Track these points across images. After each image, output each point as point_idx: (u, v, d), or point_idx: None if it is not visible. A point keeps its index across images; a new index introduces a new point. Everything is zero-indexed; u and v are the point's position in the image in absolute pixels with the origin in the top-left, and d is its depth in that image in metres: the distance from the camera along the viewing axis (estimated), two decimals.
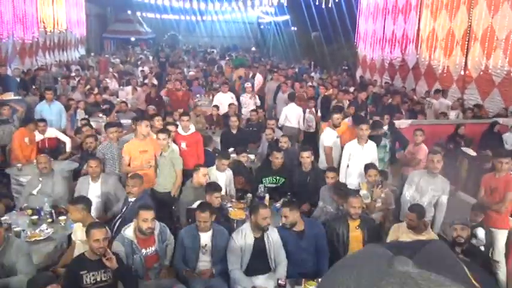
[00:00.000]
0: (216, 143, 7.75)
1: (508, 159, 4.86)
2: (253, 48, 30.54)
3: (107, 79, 13.71)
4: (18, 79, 11.28)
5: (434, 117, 9.84)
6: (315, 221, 4.72)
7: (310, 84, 12.47)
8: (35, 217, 4.77)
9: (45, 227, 4.60)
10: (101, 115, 9.26)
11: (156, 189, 5.73)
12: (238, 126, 7.85)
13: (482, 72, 10.54)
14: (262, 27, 32.92)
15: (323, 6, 16.44)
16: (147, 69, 16.50)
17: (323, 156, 6.59)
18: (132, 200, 4.77)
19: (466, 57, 11.03)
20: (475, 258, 3.82)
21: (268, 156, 6.24)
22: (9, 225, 4.46)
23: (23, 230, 4.51)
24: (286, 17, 25.42)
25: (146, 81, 12.99)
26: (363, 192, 5.14)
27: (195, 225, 4.18)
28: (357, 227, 4.40)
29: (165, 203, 5.57)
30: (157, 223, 4.16)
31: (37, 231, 4.53)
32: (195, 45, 31.19)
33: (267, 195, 5.47)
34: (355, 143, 5.93)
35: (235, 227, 4.71)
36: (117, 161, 5.89)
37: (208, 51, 27.54)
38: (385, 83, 14.90)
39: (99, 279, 3.60)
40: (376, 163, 5.84)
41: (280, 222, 4.32)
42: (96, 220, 4.30)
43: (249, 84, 10.89)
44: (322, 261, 4.22)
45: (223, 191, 5.55)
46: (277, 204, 5.24)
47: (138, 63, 18.55)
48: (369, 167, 5.38)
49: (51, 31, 16.57)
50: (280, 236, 4.18)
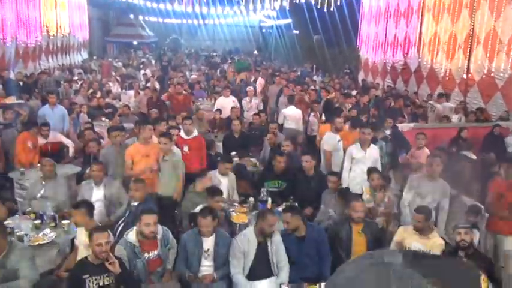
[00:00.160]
0: (218, 146, 7.75)
1: None
2: (255, 52, 30.53)
3: (109, 83, 13.73)
4: (21, 83, 11.32)
5: (437, 120, 9.82)
6: (316, 225, 4.71)
7: (312, 87, 12.47)
8: (38, 221, 4.77)
9: (48, 231, 4.60)
10: (103, 119, 9.26)
11: (158, 193, 5.73)
12: (241, 130, 7.83)
13: (484, 76, 10.52)
14: (264, 30, 32.94)
15: (325, 10, 16.42)
16: (149, 72, 16.54)
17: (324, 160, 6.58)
18: (135, 204, 4.77)
19: (468, 61, 11.00)
20: (479, 263, 3.80)
21: (270, 160, 6.23)
22: (12, 229, 4.46)
23: (26, 234, 4.51)
24: (288, 21, 25.42)
25: (148, 84, 13.02)
26: (365, 196, 5.13)
27: (198, 230, 4.18)
28: (360, 231, 4.40)
29: (167, 207, 5.55)
30: (159, 227, 4.16)
31: (40, 235, 4.54)
32: (197, 49, 31.25)
33: (269, 199, 5.45)
34: (358, 147, 5.90)
35: (238, 231, 4.71)
36: (119, 164, 5.89)
37: (211, 54, 27.57)
38: (387, 86, 14.89)
39: (101, 284, 3.60)
40: (378, 167, 5.82)
41: (282, 226, 4.31)
42: (98, 224, 4.30)
43: (251, 88, 10.90)
44: (324, 266, 4.21)
45: (226, 195, 5.55)
46: (279, 208, 5.22)
47: (141, 66, 18.60)
48: (371, 171, 5.36)
49: (54, 35, 16.62)
50: (282, 240, 4.17)
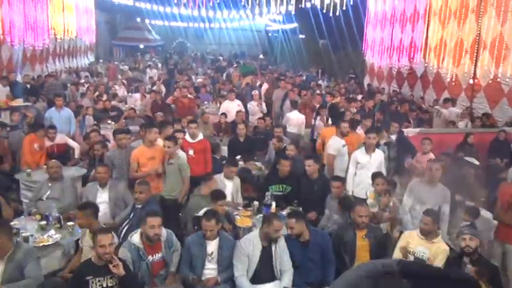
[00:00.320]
0: (224, 150, 7.77)
1: None
2: (261, 56, 30.59)
3: (115, 86, 13.82)
4: (28, 86, 11.42)
5: (443, 126, 9.78)
6: (320, 230, 4.71)
7: (318, 92, 12.47)
8: (43, 222, 4.80)
9: (53, 233, 4.62)
10: (109, 121, 9.32)
11: (163, 195, 5.75)
12: (246, 134, 7.84)
13: (491, 81, 10.47)
14: (270, 34, 32.99)
15: (331, 15, 16.42)
16: (155, 72, 16.56)
17: None
18: (140, 206, 4.79)
19: (475, 66, 10.96)
20: (484, 269, 3.76)
21: (275, 164, 6.23)
22: (18, 230, 4.49)
23: (31, 235, 4.54)
24: (294, 25, 25.45)
25: (154, 87, 13.07)
26: (369, 201, 5.11)
27: (202, 233, 4.19)
28: (364, 236, 4.38)
29: (171, 210, 5.56)
30: (164, 230, 4.17)
31: (45, 236, 4.56)
32: (203, 53, 31.37)
33: (274, 203, 5.44)
34: (363, 152, 5.89)
35: (242, 235, 4.71)
36: (125, 167, 5.92)
37: (217, 58, 27.66)
38: (393, 91, 14.86)
39: (105, 285, 3.61)
40: (383, 171, 5.80)
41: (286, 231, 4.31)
42: (102, 226, 4.32)
43: (256, 92, 10.92)
44: (328, 271, 4.20)
45: (230, 198, 5.56)
46: (284, 212, 5.21)
47: (147, 70, 18.71)
48: (376, 175, 5.34)
49: (61, 38, 16.74)
50: (286, 244, 4.17)
